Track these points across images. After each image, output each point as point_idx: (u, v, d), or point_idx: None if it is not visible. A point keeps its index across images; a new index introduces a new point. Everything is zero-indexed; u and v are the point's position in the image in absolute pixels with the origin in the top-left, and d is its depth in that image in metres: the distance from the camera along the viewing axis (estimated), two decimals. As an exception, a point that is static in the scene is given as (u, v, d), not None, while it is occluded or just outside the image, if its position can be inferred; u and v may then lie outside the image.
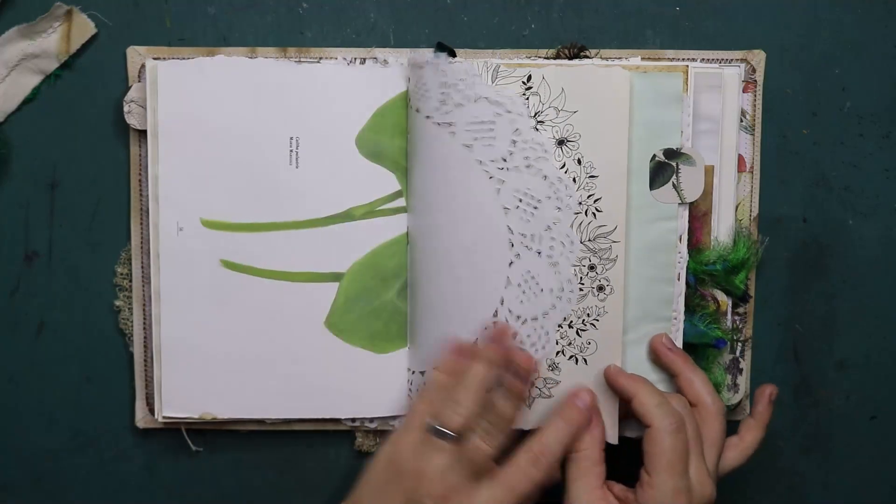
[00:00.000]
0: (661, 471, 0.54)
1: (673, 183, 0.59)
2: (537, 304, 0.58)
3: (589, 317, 0.59)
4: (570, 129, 0.58)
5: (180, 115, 0.59)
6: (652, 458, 0.54)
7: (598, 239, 0.58)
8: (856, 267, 0.65)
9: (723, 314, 0.62)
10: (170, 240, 0.60)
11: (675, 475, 0.54)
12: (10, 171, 0.62)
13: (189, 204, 0.60)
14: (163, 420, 0.61)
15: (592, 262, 0.59)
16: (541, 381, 0.60)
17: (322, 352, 0.62)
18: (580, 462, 0.56)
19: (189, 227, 0.60)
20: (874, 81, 0.63)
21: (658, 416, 0.55)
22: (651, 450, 0.54)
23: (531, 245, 0.58)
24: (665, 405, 0.55)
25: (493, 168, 0.58)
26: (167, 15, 0.61)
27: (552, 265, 0.58)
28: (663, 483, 0.53)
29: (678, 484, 0.54)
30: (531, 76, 0.57)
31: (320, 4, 0.62)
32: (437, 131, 0.58)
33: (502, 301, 0.58)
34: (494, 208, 0.58)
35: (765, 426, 0.60)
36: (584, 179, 0.58)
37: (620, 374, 0.58)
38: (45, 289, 0.63)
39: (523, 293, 0.58)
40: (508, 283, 0.58)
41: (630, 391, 0.57)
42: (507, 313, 0.58)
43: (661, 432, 0.54)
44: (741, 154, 0.62)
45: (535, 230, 0.58)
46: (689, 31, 0.62)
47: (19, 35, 0.60)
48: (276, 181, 0.60)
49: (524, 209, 0.58)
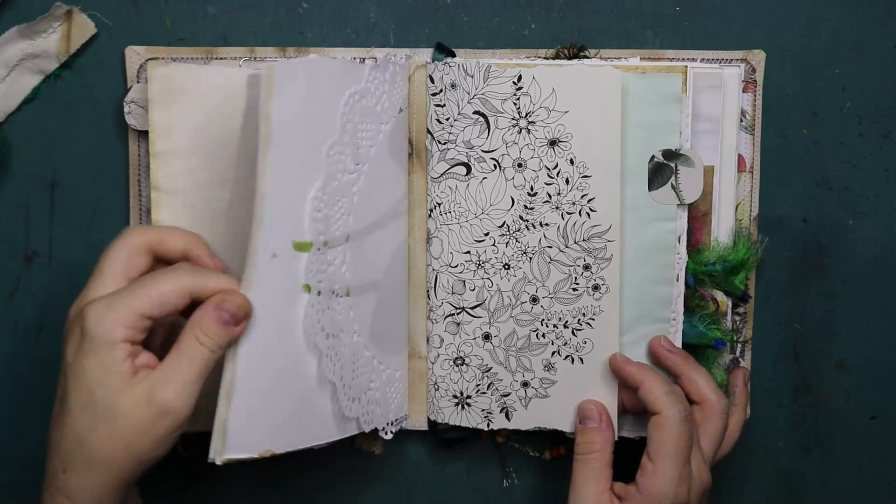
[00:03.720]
0: (666, 458, 0.54)
1: (672, 184, 0.59)
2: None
3: (585, 316, 0.59)
4: (562, 130, 0.58)
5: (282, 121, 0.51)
6: (659, 446, 0.54)
7: (593, 239, 0.59)
8: (856, 267, 0.65)
9: (722, 314, 0.62)
10: (265, 267, 0.50)
11: (680, 463, 0.54)
12: (10, 171, 0.62)
13: (281, 226, 0.51)
14: (224, 461, 0.50)
15: (587, 262, 0.59)
16: (536, 381, 0.60)
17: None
18: (591, 464, 0.56)
19: (282, 251, 0.51)
20: (874, 81, 0.63)
21: (667, 404, 0.55)
22: (658, 437, 0.54)
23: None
24: (673, 394, 0.56)
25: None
26: (167, 15, 0.61)
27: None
28: (668, 470, 0.54)
29: (682, 471, 0.54)
30: (521, 76, 0.58)
31: (320, 4, 0.62)
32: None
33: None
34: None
35: (745, 408, 0.61)
36: (577, 179, 0.58)
37: (627, 362, 0.58)
38: (45, 289, 0.63)
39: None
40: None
41: (638, 379, 0.57)
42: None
43: (671, 420, 0.54)
44: (741, 154, 0.62)
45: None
46: (689, 31, 0.62)
47: (19, 35, 0.60)
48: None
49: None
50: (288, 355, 0.52)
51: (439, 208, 0.60)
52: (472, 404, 0.61)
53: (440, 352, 0.61)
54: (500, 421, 0.61)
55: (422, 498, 0.65)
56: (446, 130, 0.59)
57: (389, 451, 0.65)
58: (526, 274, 0.60)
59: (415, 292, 0.62)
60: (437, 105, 0.59)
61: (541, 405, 0.60)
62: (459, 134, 0.59)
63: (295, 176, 0.51)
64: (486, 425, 0.61)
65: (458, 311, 0.61)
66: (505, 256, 0.60)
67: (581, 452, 0.57)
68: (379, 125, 0.57)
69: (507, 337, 0.60)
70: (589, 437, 0.57)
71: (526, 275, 0.60)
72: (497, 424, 0.61)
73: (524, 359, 0.60)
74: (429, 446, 0.65)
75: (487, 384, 0.61)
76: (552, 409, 0.60)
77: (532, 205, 0.59)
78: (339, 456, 0.65)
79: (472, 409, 0.61)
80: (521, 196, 0.59)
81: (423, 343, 0.62)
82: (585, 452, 0.57)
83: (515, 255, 0.59)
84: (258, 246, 0.49)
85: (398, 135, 0.59)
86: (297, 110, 0.51)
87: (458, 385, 0.61)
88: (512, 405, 0.61)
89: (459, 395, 0.61)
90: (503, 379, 0.61)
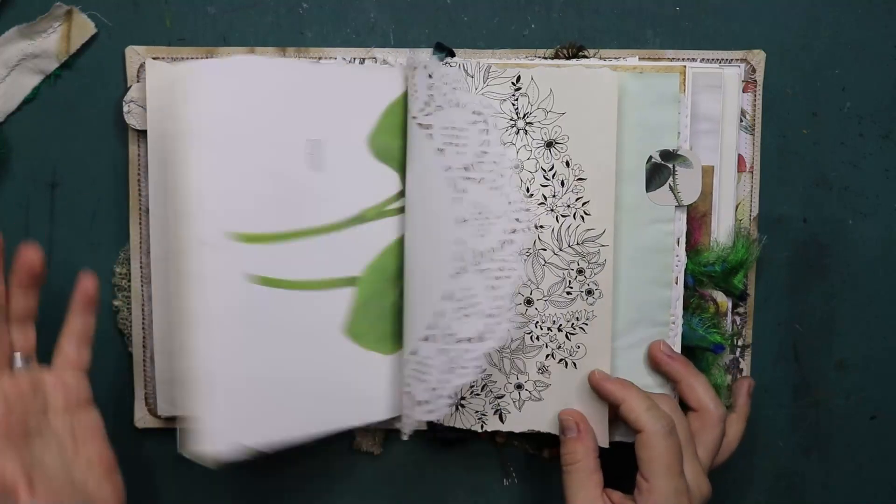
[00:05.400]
0: (658, 475, 0.53)
1: (669, 185, 0.58)
2: (471, 325, 0.56)
3: (578, 321, 0.59)
4: (559, 131, 0.57)
5: (216, 119, 0.54)
6: (648, 464, 0.54)
7: (587, 243, 0.58)
8: (856, 267, 0.65)
9: (723, 315, 0.62)
10: (200, 255, 0.54)
11: (674, 477, 0.53)
12: (10, 171, 0.62)
13: (212, 214, 0.55)
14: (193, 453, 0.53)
15: (581, 266, 0.58)
16: (530, 384, 0.60)
17: (342, 359, 0.59)
18: (576, 474, 0.56)
19: (212, 238, 0.55)
20: (874, 81, 0.63)
21: (649, 421, 0.54)
22: (645, 455, 0.54)
23: (478, 261, 0.56)
24: (654, 409, 0.55)
25: (457, 176, 0.56)
26: (167, 15, 0.61)
27: (491, 287, 0.56)
28: (663, 486, 0.53)
29: (678, 485, 0.53)
30: (520, 77, 0.57)
31: (320, 4, 0.62)
32: (418, 132, 0.58)
33: (442, 314, 0.57)
34: (448, 217, 0.56)
35: (745, 419, 0.61)
36: (573, 182, 0.58)
37: (605, 379, 0.58)
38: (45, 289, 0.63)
39: (461, 309, 0.56)
40: (448, 296, 0.56)
41: (618, 397, 0.56)
42: (440, 329, 0.56)
43: (654, 436, 0.54)
44: (741, 154, 0.62)
45: (485, 247, 0.56)
46: (689, 31, 0.62)
47: (19, 35, 0.60)
48: (305, 186, 0.58)
49: (480, 224, 0.56)
50: (246, 344, 0.54)
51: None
52: (467, 406, 0.61)
53: (438, 352, 0.61)
54: (494, 423, 0.61)
55: (422, 498, 0.65)
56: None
57: (389, 451, 0.65)
58: (521, 276, 0.59)
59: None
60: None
61: (534, 408, 0.60)
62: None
63: (227, 171, 0.53)
64: (480, 427, 0.61)
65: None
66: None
67: (566, 463, 0.57)
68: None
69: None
70: (570, 448, 0.57)
71: (521, 276, 0.59)
72: (491, 426, 0.61)
73: (518, 361, 0.60)
74: (428, 446, 0.65)
75: (482, 386, 0.61)
76: (545, 412, 0.60)
77: (528, 206, 0.58)
78: (339, 456, 0.65)
79: (466, 411, 0.61)
80: (518, 197, 0.58)
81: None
82: (569, 463, 0.56)
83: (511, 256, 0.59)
84: (187, 236, 0.52)
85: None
86: (225, 109, 0.53)
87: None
88: (506, 407, 0.61)
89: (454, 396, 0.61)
90: (497, 381, 0.60)
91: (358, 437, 0.64)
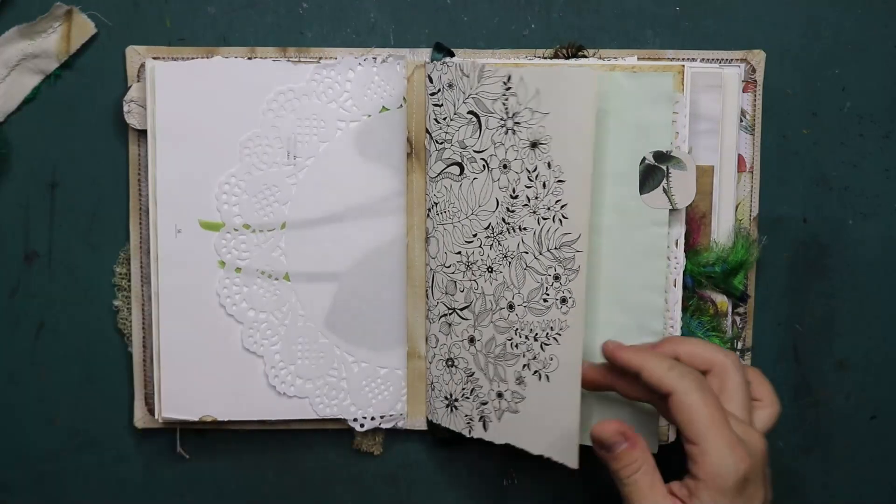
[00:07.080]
0: (706, 431, 0.48)
1: (663, 187, 0.57)
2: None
3: (552, 330, 0.56)
4: (542, 132, 0.55)
5: (178, 116, 0.60)
6: (690, 425, 0.49)
7: (563, 248, 0.55)
8: (856, 267, 0.65)
9: (723, 316, 0.62)
10: (168, 241, 0.60)
11: (721, 429, 0.48)
12: (10, 171, 0.62)
13: (187, 206, 0.60)
14: (163, 421, 0.62)
15: (557, 272, 0.56)
16: (509, 393, 0.58)
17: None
18: (642, 479, 0.51)
19: (187, 228, 0.60)
20: (874, 81, 0.63)
21: (675, 380, 0.50)
22: (684, 417, 0.49)
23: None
24: (677, 366, 0.51)
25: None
26: (167, 15, 0.61)
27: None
28: (715, 442, 0.48)
29: (729, 438, 0.48)
30: (510, 76, 0.56)
31: (320, 4, 0.62)
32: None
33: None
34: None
35: (773, 399, 0.55)
36: (553, 184, 0.55)
37: (619, 348, 0.54)
38: (45, 289, 0.63)
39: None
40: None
41: (636, 364, 0.52)
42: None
43: (686, 394, 0.49)
44: (741, 154, 0.62)
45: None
46: (689, 31, 0.62)
47: (19, 35, 0.60)
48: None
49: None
50: (211, 324, 0.61)
51: (436, 208, 0.60)
52: (458, 408, 0.61)
53: (436, 352, 0.61)
54: (479, 430, 0.60)
55: (422, 498, 0.65)
56: (443, 130, 0.59)
57: (389, 451, 0.65)
58: (505, 279, 0.58)
59: (414, 292, 0.62)
60: (435, 105, 0.59)
61: (511, 420, 0.58)
62: (455, 134, 0.58)
63: (196, 162, 0.60)
64: (468, 431, 0.60)
65: (450, 311, 0.60)
66: (489, 259, 0.58)
67: (626, 476, 0.51)
68: (336, 122, 0.60)
69: (488, 342, 0.59)
70: (627, 460, 0.51)
71: (505, 279, 0.58)
72: (476, 433, 0.60)
73: (500, 367, 0.58)
74: (428, 446, 0.65)
75: (471, 389, 0.60)
76: (521, 426, 0.58)
77: (513, 207, 0.57)
78: (338, 456, 0.65)
79: (457, 413, 0.61)
80: (505, 198, 0.57)
81: (423, 343, 0.62)
82: (631, 474, 0.51)
83: (497, 258, 0.58)
84: (160, 221, 0.60)
85: (379, 133, 0.61)
86: (188, 106, 0.59)
87: (449, 387, 0.61)
88: (488, 415, 0.59)
89: (449, 397, 0.61)
90: (483, 386, 0.59)
91: (358, 437, 0.64)
